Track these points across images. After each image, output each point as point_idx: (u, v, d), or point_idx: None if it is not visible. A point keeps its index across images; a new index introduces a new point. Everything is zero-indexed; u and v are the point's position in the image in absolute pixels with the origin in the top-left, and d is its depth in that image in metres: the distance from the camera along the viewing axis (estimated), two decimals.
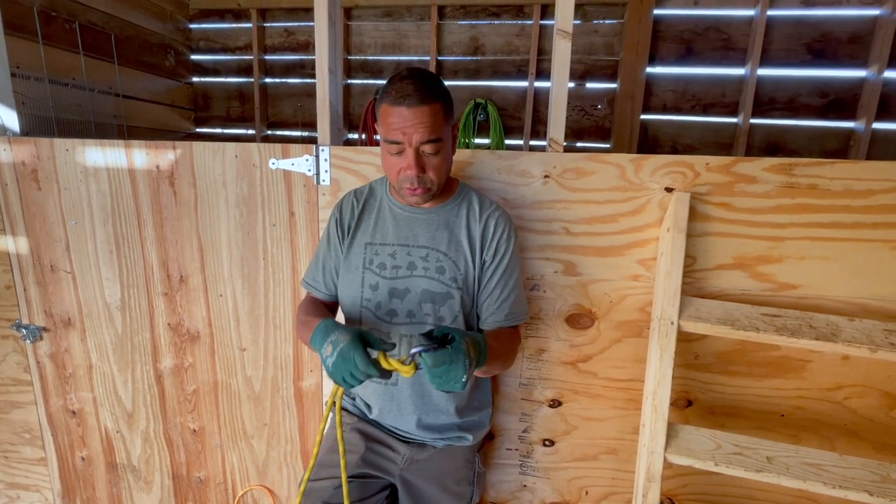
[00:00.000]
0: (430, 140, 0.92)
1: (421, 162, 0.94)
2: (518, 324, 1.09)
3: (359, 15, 2.99)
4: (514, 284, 1.06)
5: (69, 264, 1.50)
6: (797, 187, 1.14)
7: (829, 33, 2.49)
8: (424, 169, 0.94)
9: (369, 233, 1.07)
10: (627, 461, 1.33)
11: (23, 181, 1.47)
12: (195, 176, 1.37)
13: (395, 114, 0.91)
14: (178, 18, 2.97)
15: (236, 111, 3.22)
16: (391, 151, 0.95)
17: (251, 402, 1.49)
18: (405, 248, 1.04)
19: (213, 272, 1.42)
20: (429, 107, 0.91)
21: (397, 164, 0.95)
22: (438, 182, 0.98)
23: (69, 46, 2.04)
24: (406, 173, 0.94)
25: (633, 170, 1.19)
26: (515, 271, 1.07)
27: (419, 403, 1.07)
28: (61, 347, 1.57)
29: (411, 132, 0.91)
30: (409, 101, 0.89)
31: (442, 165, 0.97)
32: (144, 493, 1.64)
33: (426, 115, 0.90)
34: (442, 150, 0.95)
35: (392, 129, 0.92)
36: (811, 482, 1.00)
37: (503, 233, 1.05)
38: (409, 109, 0.90)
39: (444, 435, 1.11)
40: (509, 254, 1.05)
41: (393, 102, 0.91)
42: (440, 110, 0.93)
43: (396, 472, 1.11)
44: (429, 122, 0.91)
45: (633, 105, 2.69)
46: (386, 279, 1.04)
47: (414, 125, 0.90)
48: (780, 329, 1.06)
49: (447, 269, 1.03)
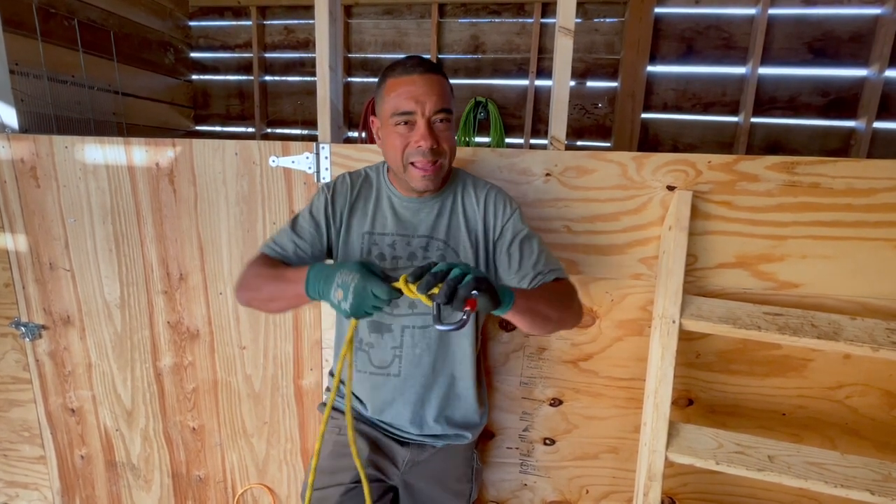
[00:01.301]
0: (444, 108, 0.89)
1: (433, 133, 0.90)
2: (562, 277, 1.00)
3: (359, 13, 2.98)
4: (538, 247, 0.99)
5: (68, 262, 1.50)
6: (799, 186, 1.14)
7: (831, 32, 2.48)
8: (437, 141, 0.91)
9: (367, 222, 1.03)
10: (628, 460, 1.32)
11: (22, 178, 1.46)
12: (195, 174, 1.37)
13: (406, 83, 0.88)
14: (177, 16, 2.96)
15: (236, 109, 3.21)
16: (399, 127, 0.90)
17: (251, 400, 1.48)
18: (405, 238, 1.02)
19: (213, 270, 1.42)
20: (439, 77, 0.90)
21: (405, 138, 0.90)
22: (449, 158, 0.95)
23: (68, 44, 2.03)
24: (419, 146, 0.89)
25: (635, 168, 1.18)
26: (534, 236, 1.01)
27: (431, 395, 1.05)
28: (60, 345, 1.56)
29: (424, 99, 0.87)
30: (420, 69, 0.88)
31: (452, 140, 0.94)
32: (144, 492, 1.64)
33: (438, 84, 0.89)
34: (451, 127, 0.93)
35: (403, 98, 0.88)
36: (813, 481, 1.00)
37: (504, 208, 1.02)
38: (420, 77, 0.88)
39: (451, 430, 1.09)
40: (519, 223, 1.01)
41: (402, 73, 0.89)
42: (448, 86, 0.92)
43: (398, 475, 1.10)
44: (441, 91, 0.89)
45: (634, 104, 2.69)
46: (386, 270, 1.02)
47: (427, 92, 0.87)
48: (782, 328, 1.06)
49: (448, 257, 1.02)
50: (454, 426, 1.10)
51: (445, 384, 1.06)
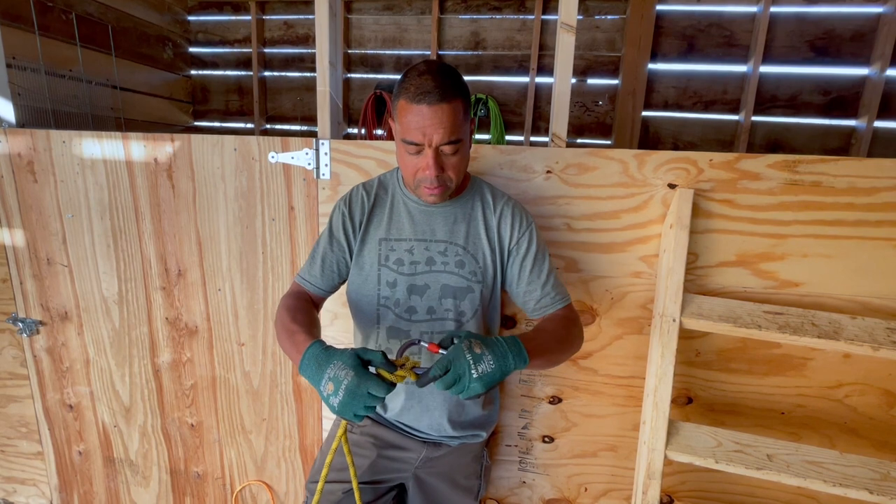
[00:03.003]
0: (451, 141, 0.89)
1: (440, 162, 0.91)
2: (567, 303, 1.05)
3: (359, 8, 2.97)
4: (548, 267, 1.04)
5: (66, 258, 1.49)
6: (801, 184, 1.13)
7: (832, 31, 2.47)
8: (444, 168, 0.92)
9: (383, 228, 1.03)
10: (627, 458, 1.32)
11: (19, 173, 1.45)
12: (193, 169, 1.36)
13: (415, 112, 0.87)
14: (176, 10, 2.94)
15: (235, 105, 3.20)
16: (409, 151, 0.91)
17: (249, 396, 1.48)
18: (423, 244, 1.02)
19: (212, 266, 1.41)
20: (449, 105, 0.87)
21: (415, 163, 0.92)
22: (457, 180, 0.95)
23: (66, 37, 2.01)
24: (424, 174, 0.92)
25: (636, 166, 1.18)
26: (546, 254, 1.05)
27: (447, 400, 1.05)
28: (58, 341, 1.56)
29: (431, 133, 0.87)
30: (430, 98, 0.85)
31: (460, 164, 0.94)
32: (142, 488, 1.63)
33: (447, 114, 0.86)
34: (461, 150, 0.92)
35: (411, 129, 0.88)
36: (811, 480, 1.00)
37: (521, 221, 1.04)
38: (429, 108, 0.86)
39: (467, 431, 1.09)
40: (535, 239, 1.04)
41: (412, 100, 0.86)
42: (460, 108, 0.89)
43: (410, 471, 1.10)
44: (449, 123, 0.87)
45: (635, 101, 2.68)
46: (404, 275, 1.01)
47: (434, 125, 0.86)
48: (782, 327, 1.06)
49: (467, 263, 1.02)
50: (470, 428, 1.10)
51: None
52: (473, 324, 1.03)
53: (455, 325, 1.02)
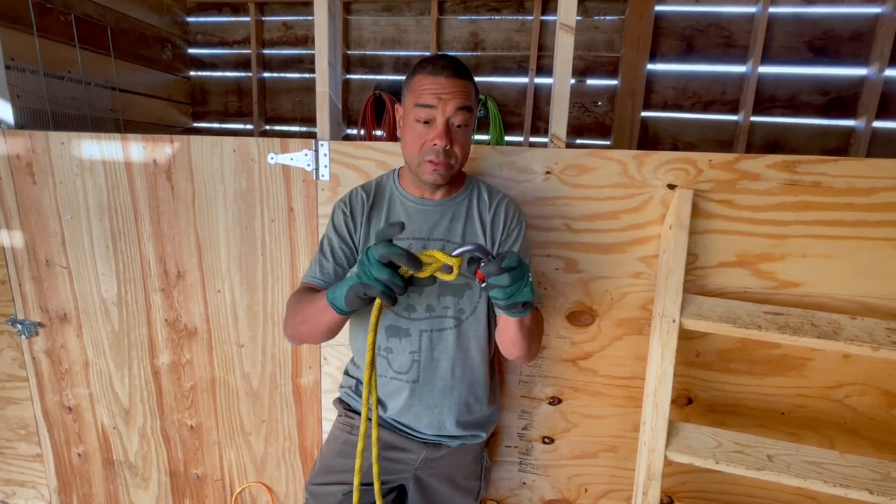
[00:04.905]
0: (464, 107, 0.93)
1: (449, 134, 0.94)
2: (538, 307, 1.06)
3: (358, 9, 2.97)
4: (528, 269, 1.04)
5: (65, 259, 1.49)
6: (800, 185, 1.13)
7: (831, 31, 2.48)
8: (452, 142, 0.95)
9: None
10: (627, 459, 1.32)
11: (17, 175, 1.45)
12: (193, 170, 1.36)
13: (432, 81, 0.93)
14: (175, 11, 2.94)
15: (234, 106, 3.20)
16: (420, 118, 0.94)
17: (249, 398, 1.48)
18: (421, 242, 1.03)
19: (211, 268, 1.41)
20: (464, 81, 0.94)
21: (423, 135, 0.95)
22: (460, 161, 0.99)
23: (65, 39, 2.01)
24: (433, 144, 0.94)
25: (636, 166, 1.18)
26: (528, 256, 1.08)
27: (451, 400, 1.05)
28: (57, 343, 1.56)
29: (447, 98, 0.92)
30: (447, 72, 0.93)
31: (466, 142, 0.98)
32: (141, 490, 1.63)
33: (462, 86, 0.93)
34: (469, 126, 0.97)
35: (426, 93, 0.93)
36: (812, 480, 1.00)
37: (514, 218, 1.06)
38: (447, 79, 0.92)
39: (469, 431, 1.09)
40: (521, 238, 1.05)
41: (431, 73, 0.93)
42: (472, 90, 0.96)
43: (410, 472, 1.10)
44: (464, 93, 0.93)
45: (634, 102, 2.68)
46: None
47: (450, 93, 0.92)
48: (782, 327, 1.06)
49: None
50: (471, 427, 1.10)
51: (465, 388, 1.06)
52: (472, 321, 1.03)
53: (454, 323, 1.03)
